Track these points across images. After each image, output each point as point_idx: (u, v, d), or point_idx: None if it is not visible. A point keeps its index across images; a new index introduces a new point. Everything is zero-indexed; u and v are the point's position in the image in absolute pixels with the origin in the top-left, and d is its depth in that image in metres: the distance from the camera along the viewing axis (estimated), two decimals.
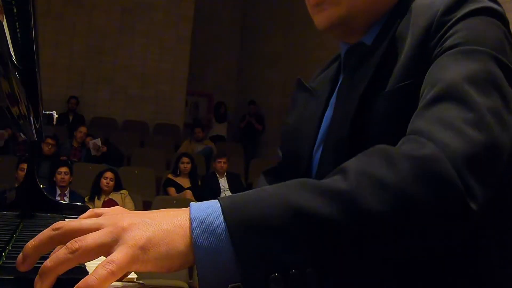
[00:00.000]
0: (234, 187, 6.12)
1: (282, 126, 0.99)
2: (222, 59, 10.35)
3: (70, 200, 5.04)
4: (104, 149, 6.81)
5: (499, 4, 0.74)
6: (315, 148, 0.88)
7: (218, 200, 0.52)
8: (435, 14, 0.72)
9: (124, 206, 5.03)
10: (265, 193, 0.52)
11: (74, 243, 0.48)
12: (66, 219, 1.28)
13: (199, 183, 6.28)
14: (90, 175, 5.66)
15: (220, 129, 9.50)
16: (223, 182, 6.22)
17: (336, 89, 0.89)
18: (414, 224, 0.51)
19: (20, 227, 1.11)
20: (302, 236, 0.49)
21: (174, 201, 5.44)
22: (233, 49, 10.45)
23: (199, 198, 5.41)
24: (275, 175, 1.01)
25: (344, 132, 0.75)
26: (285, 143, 0.96)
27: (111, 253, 0.48)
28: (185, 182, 6.16)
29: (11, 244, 0.88)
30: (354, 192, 0.50)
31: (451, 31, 0.70)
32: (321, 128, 0.88)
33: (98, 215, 0.97)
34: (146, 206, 5.50)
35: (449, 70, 0.64)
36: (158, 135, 8.84)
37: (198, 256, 0.48)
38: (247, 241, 0.48)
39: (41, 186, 1.38)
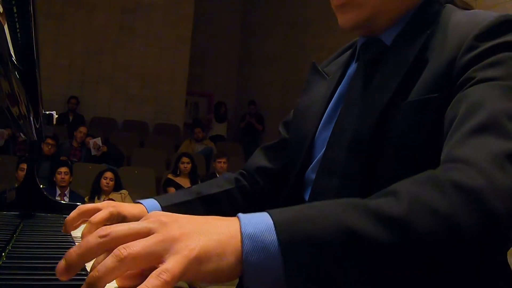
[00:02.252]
0: None
1: (295, 107, 1.05)
2: (222, 59, 10.35)
3: (70, 200, 5.04)
4: (104, 148, 6.81)
5: None
6: (319, 128, 0.93)
7: (269, 214, 0.51)
8: (469, 34, 0.75)
9: None
10: (317, 210, 0.52)
11: (122, 250, 0.46)
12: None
13: (199, 183, 6.26)
14: (90, 175, 5.66)
15: (220, 129, 9.50)
16: None
17: (348, 75, 0.94)
18: (460, 253, 0.53)
19: (20, 227, 1.11)
20: (353, 259, 0.49)
21: None
22: (233, 49, 10.45)
23: None
24: (276, 152, 1.07)
25: (367, 130, 0.79)
26: (294, 122, 1.02)
27: (161, 263, 0.46)
28: (185, 182, 6.16)
29: (11, 244, 0.88)
30: (407, 219, 0.51)
31: (490, 59, 0.72)
32: (327, 110, 0.93)
33: (87, 212, 0.95)
34: None
35: (490, 100, 0.67)
36: (158, 135, 8.84)
37: (247, 272, 0.48)
38: (298, 260, 0.48)
39: (41, 186, 1.38)
